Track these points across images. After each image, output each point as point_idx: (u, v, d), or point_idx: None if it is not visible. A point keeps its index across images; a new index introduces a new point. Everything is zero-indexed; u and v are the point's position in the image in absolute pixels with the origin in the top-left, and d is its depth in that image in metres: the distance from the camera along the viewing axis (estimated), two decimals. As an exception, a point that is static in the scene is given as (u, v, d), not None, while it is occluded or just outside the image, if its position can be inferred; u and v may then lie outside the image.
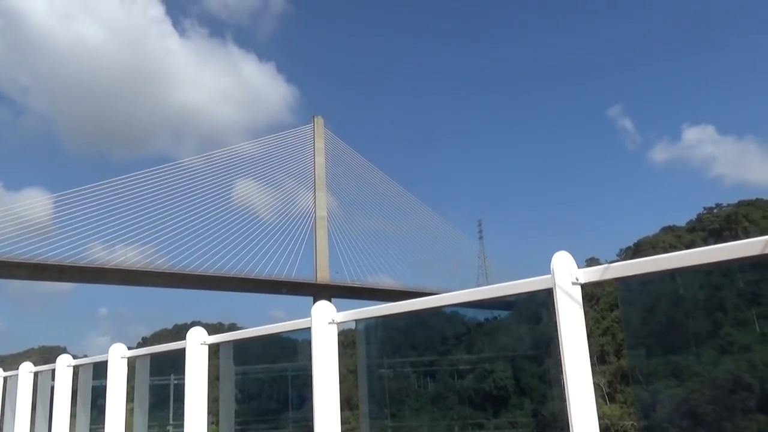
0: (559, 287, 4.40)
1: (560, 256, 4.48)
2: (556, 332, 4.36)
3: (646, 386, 45.96)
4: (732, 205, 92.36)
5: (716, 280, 46.42)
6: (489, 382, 40.40)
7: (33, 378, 10.37)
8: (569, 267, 4.45)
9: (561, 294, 4.39)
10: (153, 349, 8.67)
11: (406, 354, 9.52)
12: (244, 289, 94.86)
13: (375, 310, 6.16)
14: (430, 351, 11.07)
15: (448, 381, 35.05)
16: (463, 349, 38.95)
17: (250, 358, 8.33)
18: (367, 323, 6.41)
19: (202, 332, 7.52)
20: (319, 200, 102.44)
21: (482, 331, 42.65)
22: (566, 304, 4.38)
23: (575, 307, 4.40)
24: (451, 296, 5.39)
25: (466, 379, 36.37)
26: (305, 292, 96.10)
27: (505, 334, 32.94)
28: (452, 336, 13.31)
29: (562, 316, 4.38)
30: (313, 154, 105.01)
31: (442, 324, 10.29)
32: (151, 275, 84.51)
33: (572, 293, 4.39)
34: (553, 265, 4.44)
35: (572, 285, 4.41)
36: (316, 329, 6.19)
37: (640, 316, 44.25)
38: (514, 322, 26.60)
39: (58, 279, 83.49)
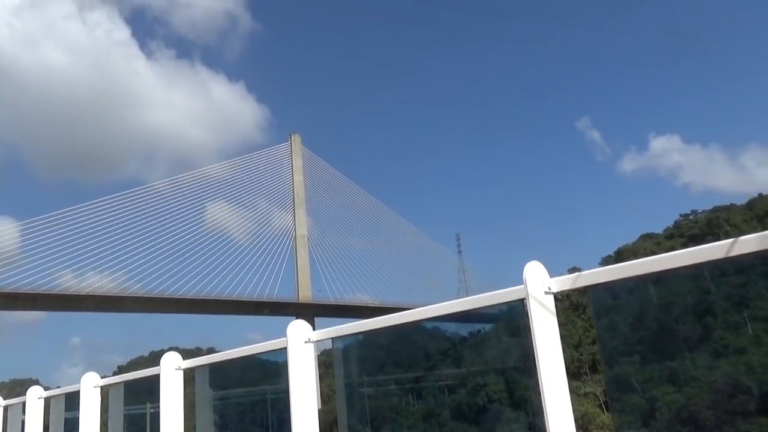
0: (532, 297, 4.43)
1: (532, 266, 4.51)
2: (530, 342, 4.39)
3: (643, 393, 46.06)
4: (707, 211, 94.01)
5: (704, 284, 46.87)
6: (482, 395, 40.30)
7: (2, 412, 10.18)
8: (541, 276, 4.48)
9: (534, 303, 4.42)
10: (127, 376, 8.56)
11: (389, 371, 9.55)
12: (225, 311, 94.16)
13: (351, 327, 6.15)
14: (415, 367, 11.15)
15: (439, 396, 34.83)
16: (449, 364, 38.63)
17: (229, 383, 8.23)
18: (346, 342, 6.39)
19: (177, 357, 7.45)
20: (299, 219, 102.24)
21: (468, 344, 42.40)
22: (540, 314, 4.41)
23: (549, 317, 4.44)
24: (426, 310, 5.41)
25: (458, 394, 36.21)
26: (288, 312, 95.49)
27: (492, 347, 32.97)
28: (436, 351, 13.44)
29: (536, 325, 4.41)
30: (291, 173, 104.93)
31: (425, 340, 10.34)
32: (129, 300, 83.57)
33: (545, 302, 4.43)
34: (525, 275, 4.48)
35: (545, 294, 4.45)
36: (292, 349, 6.16)
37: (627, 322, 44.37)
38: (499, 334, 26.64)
39: (32, 308, 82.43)
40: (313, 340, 6.19)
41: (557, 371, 4.37)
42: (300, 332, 6.18)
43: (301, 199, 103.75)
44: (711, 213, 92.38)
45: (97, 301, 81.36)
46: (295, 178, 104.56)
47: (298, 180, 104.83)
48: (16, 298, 76.33)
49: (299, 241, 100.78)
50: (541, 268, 4.50)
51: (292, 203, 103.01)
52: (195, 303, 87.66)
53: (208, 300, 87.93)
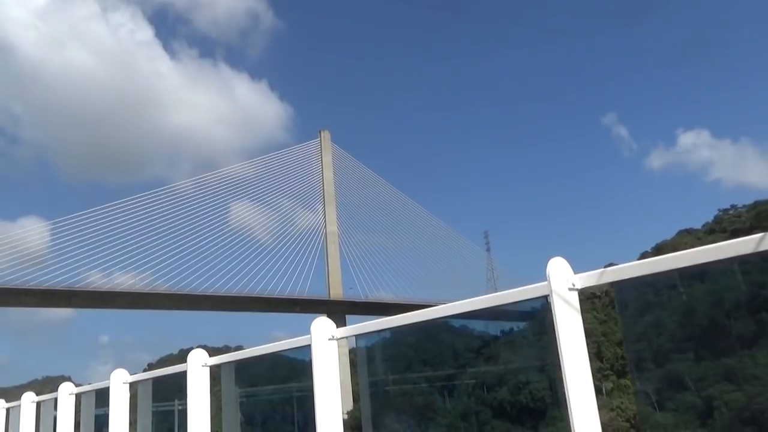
0: (556, 293, 4.38)
1: (555, 262, 4.45)
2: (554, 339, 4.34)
3: (699, 392, 44.94)
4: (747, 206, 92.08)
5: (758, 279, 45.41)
6: (525, 394, 39.74)
7: (35, 408, 10.43)
8: (565, 273, 4.43)
9: (558, 300, 4.37)
10: (154, 373, 8.70)
11: (418, 370, 9.45)
12: (256, 308, 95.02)
13: (375, 324, 6.16)
14: (444, 366, 11.00)
15: (478, 395, 34.44)
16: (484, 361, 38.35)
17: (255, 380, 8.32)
18: (371, 340, 6.40)
19: (203, 354, 7.54)
20: (329, 215, 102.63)
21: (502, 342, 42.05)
22: (563, 311, 4.36)
23: (573, 314, 4.38)
24: (450, 307, 5.39)
25: (497, 392, 35.78)
26: (319, 310, 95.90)
27: (531, 344, 32.38)
28: (467, 349, 13.21)
29: (560, 322, 4.35)
30: (321, 169, 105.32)
31: (453, 338, 10.20)
32: (162, 298, 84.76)
33: (569, 299, 4.37)
34: (549, 271, 4.42)
35: (569, 291, 4.39)
36: (316, 346, 6.18)
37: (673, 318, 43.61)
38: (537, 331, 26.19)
39: (67, 305, 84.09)
40: (337, 337, 6.21)
41: (582, 370, 4.32)
42: (324, 329, 6.20)
43: (331, 196, 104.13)
44: (751, 208, 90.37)
45: (130, 298, 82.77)
46: (325, 175, 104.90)
47: (328, 176, 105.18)
48: (52, 295, 77.95)
49: (329, 238, 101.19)
50: (564, 264, 4.45)
51: (322, 200, 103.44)
52: (226, 300, 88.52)
53: (240, 297, 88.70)
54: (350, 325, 6.20)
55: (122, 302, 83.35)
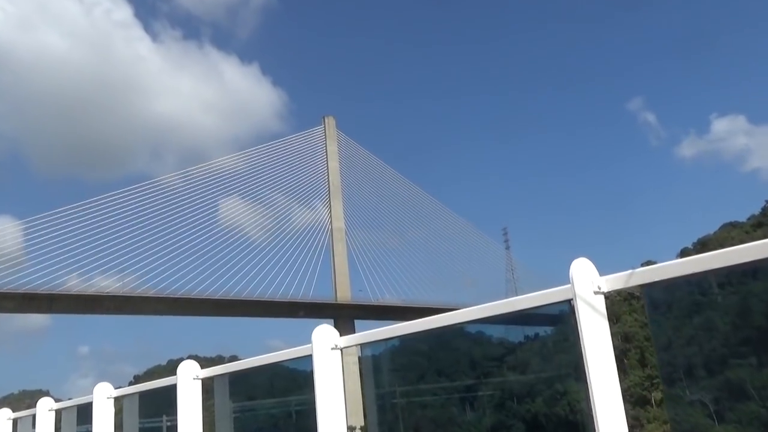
0: (580, 297, 4.38)
1: (579, 263, 4.46)
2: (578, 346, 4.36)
3: (763, 402, 44.61)
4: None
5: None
6: (563, 405, 39.41)
7: (12, 426, 10.53)
8: (590, 275, 4.43)
9: (582, 305, 4.38)
10: (141, 387, 8.77)
11: (432, 380, 9.40)
12: (255, 314, 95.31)
13: (382, 332, 6.18)
14: (462, 375, 10.94)
15: (508, 407, 34.22)
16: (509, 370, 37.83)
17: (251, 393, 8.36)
18: (378, 349, 6.42)
19: (195, 366, 7.59)
20: (335, 210, 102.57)
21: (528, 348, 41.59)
22: (588, 316, 4.37)
23: (598, 319, 4.39)
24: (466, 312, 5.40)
25: (530, 404, 35.51)
26: (325, 315, 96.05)
27: (564, 350, 32.33)
28: (488, 357, 13.15)
29: (585, 328, 4.36)
30: (325, 159, 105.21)
31: (470, 345, 10.13)
32: (152, 302, 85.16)
33: (594, 303, 4.38)
34: (572, 273, 4.43)
35: (594, 294, 4.40)
36: (317, 356, 6.22)
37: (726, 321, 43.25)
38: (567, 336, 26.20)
39: (48, 310, 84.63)
40: (341, 346, 6.23)
41: (608, 378, 4.33)
42: (326, 338, 6.23)
43: (337, 189, 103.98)
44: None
45: (117, 302, 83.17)
46: (330, 165, 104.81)
47: (334, 167, 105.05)
48: (31, 299, 78.44)
49: (336, 235, 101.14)
50: (589, 265, 4.45)
51: (327, 193, 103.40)
52: (222, 304, 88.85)
53: (237, 301, 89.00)
54: (355, 333, 6.23)
55: (108, 306, 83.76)
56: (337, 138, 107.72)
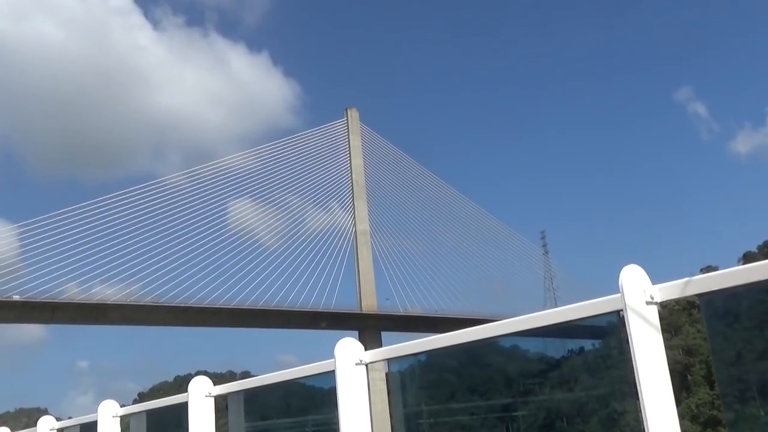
0: (631, 308, 4.36)
1: (630, 270, 4.43)
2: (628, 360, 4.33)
3: None
4: None
5: None
6: (623, 426, 39.26)
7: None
8: (642, 283, 4.41)
9: (633, 316, 4.35)
10: (149, 405, 8.86)
11: (463, 399, 9.33)
12: (273, 324, 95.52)
13: (411, 346, 6.18)
14: (496, 393, 10.85)
15: (559, 427, 34.18)
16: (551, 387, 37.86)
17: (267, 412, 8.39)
18: (404, 364, 6.42)
19: (207, 382, 7.65)
20: (360, 212, 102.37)
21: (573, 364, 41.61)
22: (640, 328, 4.34)
23: (651, 331, 4.36)
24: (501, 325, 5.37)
25: (587, 425, 35.51)
26: (349, 326, 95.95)
27: (616, 366, 32.30)
28: (521, 374, 12.99)
29: (636, 342, 4.33)
30: (348, 156, 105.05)
31: (503, 360, 10.01)
32: (162, 312, 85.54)
33: (647, 315, 4.35)
34: (622, 281, 4.40)
35: (646, 305, 4.37)
36: (341, 372, 6.24)
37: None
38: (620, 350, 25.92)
39: (50, 320, 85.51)
40: (366, 361, 6.25)
41: (663, 394, 4.31)
42: (350, 353, 6.25)
43: (361, 188, 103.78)
44: None
45: (124, 312, 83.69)
46: (354, 162, 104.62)
47: (357, 164, 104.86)
48: (33, 308, 79.30)
49: (360, 238, 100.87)
50: (641, 273, 4.42)
51: (351, 193, 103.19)
52: (237, 314, 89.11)
53: (254, 311, 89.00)
54: (382, 348, 6.23)
55: (114, 317, 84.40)
56: (361, 132, 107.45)
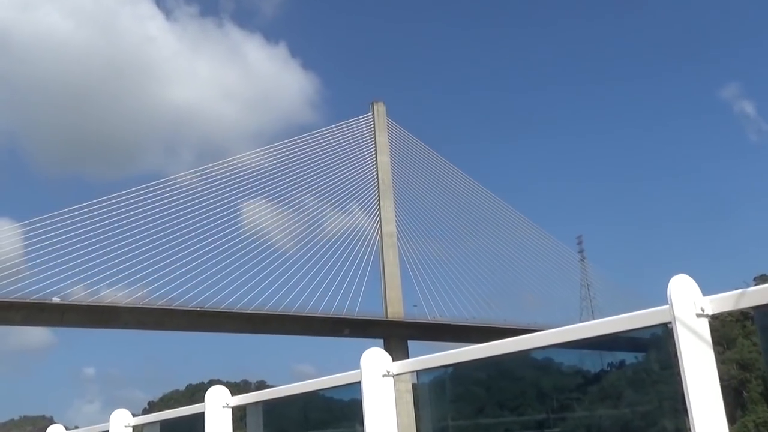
0: (680, 321, 4.32)
1: (679, 281, 4.39)
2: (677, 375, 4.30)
3: None
4: None
5: None
6: None
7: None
8: (692, 294, 4.36)
9: (682, 329, 4.31)
10: (163, 415, 8.91)
11: (492, 414, 9.32)
12: (294, 330, 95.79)
13: (442, 358, 6.16)
14: (529, 408, 10.82)
15: None
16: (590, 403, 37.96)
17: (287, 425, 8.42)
18: (429, 376, 6.40)
19: (224, 392, 7.69)
20: (386, 212, 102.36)
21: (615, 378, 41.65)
22: (689, 342, 4.30)
23: (701, 345, 4.32)
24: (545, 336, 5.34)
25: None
26: (373, 334, 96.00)
27: (665, 381, 32.44)
28: (555, 388, 12.93)
29: (686, 356, 4.29)
30: (374, 153, 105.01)
31: (536, 374, 9.99)
32: (176, 316, 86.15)
33: (697, 328, 4.31)
34: (671, 292, 4.37)
35: (697, 317, 4.33)
36: (367, 384, 6.23)
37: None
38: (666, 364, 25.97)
39: (59, 323, 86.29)
40: (393, 373, 6.23)
41: (714, 411, 4.27)
42: (377, 363, 6.24)
43: (387, 187, 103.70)
44: None
45: (137, 315, 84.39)
46: (380, 160, 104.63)
47: (384, 162, 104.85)
48: (41, 310, 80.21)
49: (386, 241, 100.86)
50: (690, 283, 4.38)
51: (377, 192, 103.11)
52: (256, 320, 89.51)
53: (273, 316, 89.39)
54: (410, 359, 6.21)
55: (126, 320, 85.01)
56: (387, 128, 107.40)
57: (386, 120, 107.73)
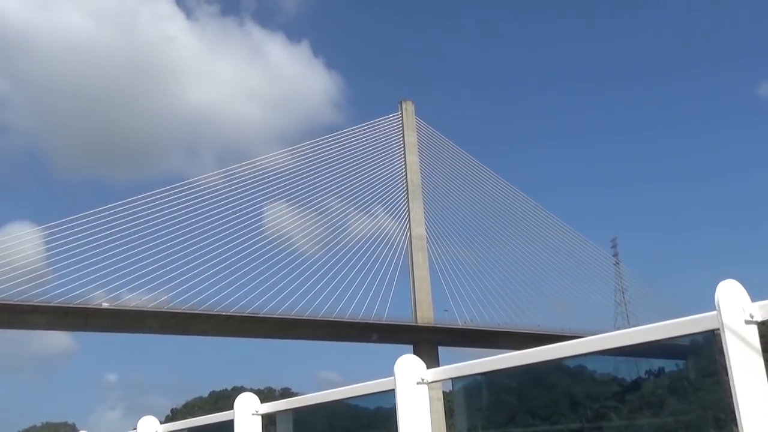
0: (728, 328, 4.26)
1: (727, 286, 4.34)
2: (723, 383, 4.24)
3: None
4: None
5: None
6: None
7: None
8: (741, 300, 4.31)
9: (730, 336, 4.25)
10: (191, 422, 8.97)
11: (523, 423, 9.17)
12: (321, 336, 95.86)
13: (477, 365, 6.13)
14: (562, 417, 10.64)
15: None
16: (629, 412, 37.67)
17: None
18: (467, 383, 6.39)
19: (254, 399, 7.73)
20: (415, 214, 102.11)
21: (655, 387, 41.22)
22: (739, 350, 4.24)
23: (751, 354, 4.26)
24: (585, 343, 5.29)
25: None
26: (402, 339, 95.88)
27: (710, 389, 32.13)
28: (588, 396, 12.66)
29: (735, 364, 4.24)
30: (403, 153, 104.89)
31: (568, 381, 9.82)
32: (201, 320, 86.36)
33: (746, 335, 4.25)
34: (719, 298, 4.31)
35: (746, 324, 4.27)
36: (401, 391, 6.23)
37: None
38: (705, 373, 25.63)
39: (84, 327, 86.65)
40: (428, 380, 6.22)
41: (764, 422, 4.20)
42: (411, 370, 6.23)
43: (417, 188, 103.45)
44: None
45: (162, 320, 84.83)
46: (409, 160, 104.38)
47: (413, 162, 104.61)
48: (65, 314, 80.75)
49: (416, 243, 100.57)
50: (739, 289, 4.33)
51: (405, 194, 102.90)
52: (284, 325, 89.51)
53: (301, 321, 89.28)
54: (446, 366, 6.20)
55: (151, 325, 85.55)
56: (416, 127, 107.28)
57: (415, 119, 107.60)
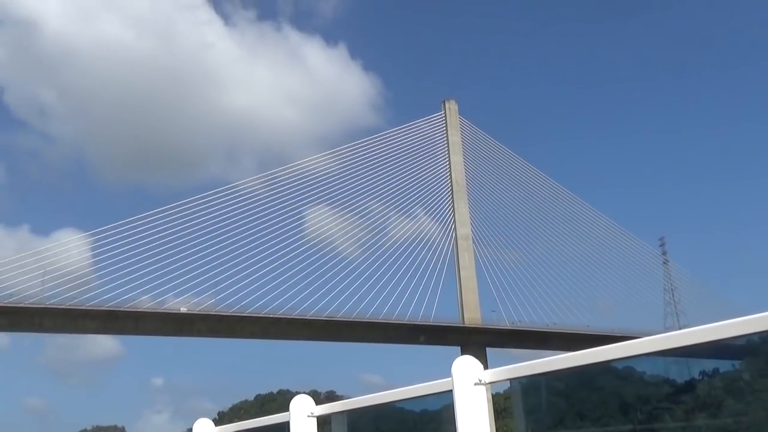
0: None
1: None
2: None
3: None
4: None
5: None
6: None
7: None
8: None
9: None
10: (246, 424, 9.01)
11: (572, 425, 9.07)
12: (370, 338, 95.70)
13: (541, 365, 6.06)
14: (612, 420, 10.49)
15: None
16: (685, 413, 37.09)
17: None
18: (526, 383, 6.31)
19: (309, 401, 7.74)
20: (460, 214, 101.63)
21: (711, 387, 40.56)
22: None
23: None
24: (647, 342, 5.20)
25: None
26: (450, 341, 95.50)
27: (764, 389, 31.75)
28: (639, 398, 12.39)
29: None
30: (447, 153, 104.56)
31: (616, 383, 9.69)
32: (249, 323, 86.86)
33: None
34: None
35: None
36: (459, 393, 6.18)
37: None
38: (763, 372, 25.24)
39: (134, 331, 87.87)
40: (486, 381, 6.16)
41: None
42: (469, 371, 6.18)
43: (461, 188, 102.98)
44: None
45: (210, 323, 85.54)
46: (453, 160, 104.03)
47: (457, 162, 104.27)
48: (116, 318, 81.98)
49: (461, 243, 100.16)
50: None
51: (450, 194, 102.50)
52: (331, 327, 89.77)
53: (349, 323, 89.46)
54: (504, 367, 6.13)
55: (200, 328, 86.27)
56: (460, 126, 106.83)
57: (458, 118, 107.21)
